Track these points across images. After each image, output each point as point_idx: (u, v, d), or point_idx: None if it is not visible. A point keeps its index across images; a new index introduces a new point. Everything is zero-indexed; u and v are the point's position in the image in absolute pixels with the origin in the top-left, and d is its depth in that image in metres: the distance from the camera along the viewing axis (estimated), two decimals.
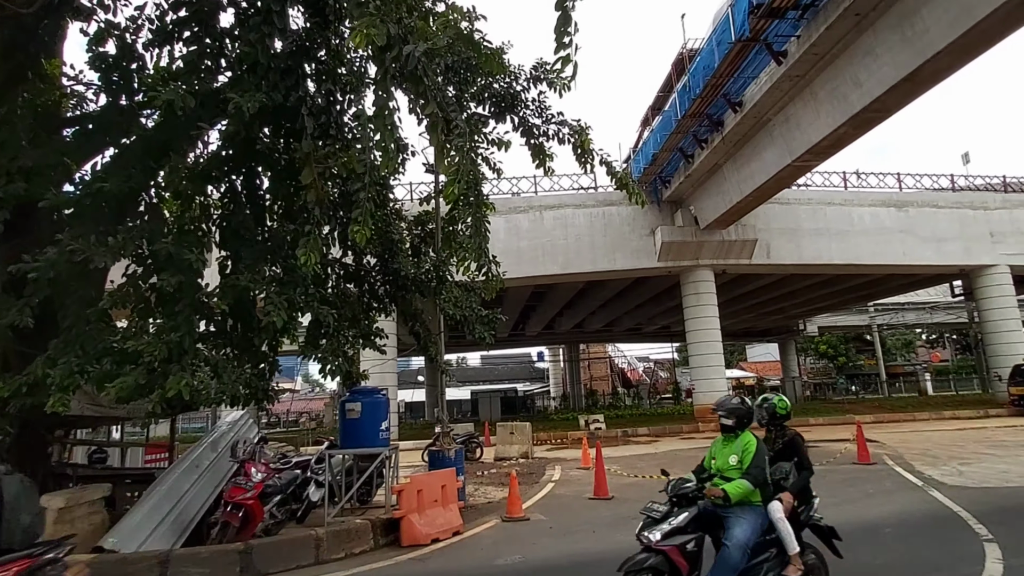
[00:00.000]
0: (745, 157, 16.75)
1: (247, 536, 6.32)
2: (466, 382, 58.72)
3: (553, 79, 7.67)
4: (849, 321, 45.62)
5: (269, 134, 6.40)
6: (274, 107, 5.48)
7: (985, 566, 5.14)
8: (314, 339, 6.47)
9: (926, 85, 11.43)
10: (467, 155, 6.00)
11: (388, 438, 8.00)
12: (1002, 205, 24.27)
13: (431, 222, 9.59)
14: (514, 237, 20.64)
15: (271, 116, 5.92)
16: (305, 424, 32.30)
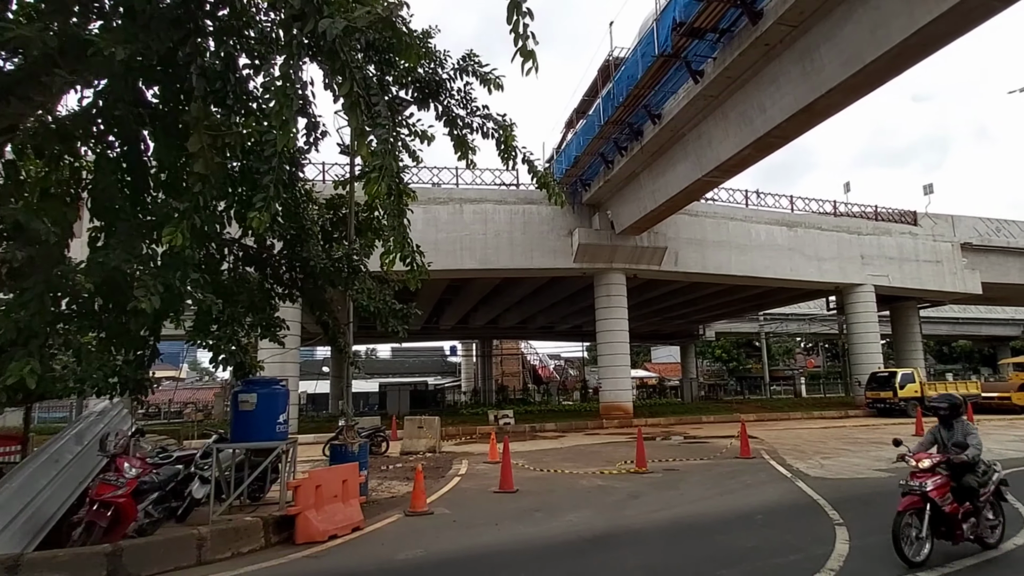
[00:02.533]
0: (661, 168, 17.54)
1: (117, 537, 5.72)
2: (375, 374, 57.25)
3: (485, 74, 7.52)
4: (742, 328, 49.42)
5: (159, 94, 5.75)
6: (161, 63, 4.92)
7: (835, 546, 5.81)
8: (204, 325, 5.91)
9: (820, 117, 12.50)
10: (390, 149, 5.72)
11: (286, 431, 7.58)
12: (872, 231, 27.23)
13: (345, 207, 9.15)
14: (432, 228, 20.30)
15: (160, 74, 5.32)
16: (191, 415, 29.85)
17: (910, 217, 28.49)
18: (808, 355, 66.81)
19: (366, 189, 5.41)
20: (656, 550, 6.08)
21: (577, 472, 11.27)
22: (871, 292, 26.71)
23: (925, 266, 27.70)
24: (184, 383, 43.63)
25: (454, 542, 6.58)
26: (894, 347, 32.63)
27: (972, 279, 28.30)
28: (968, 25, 9.11)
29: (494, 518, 7.63)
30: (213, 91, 5.18)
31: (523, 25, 4.03)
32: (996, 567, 5.29)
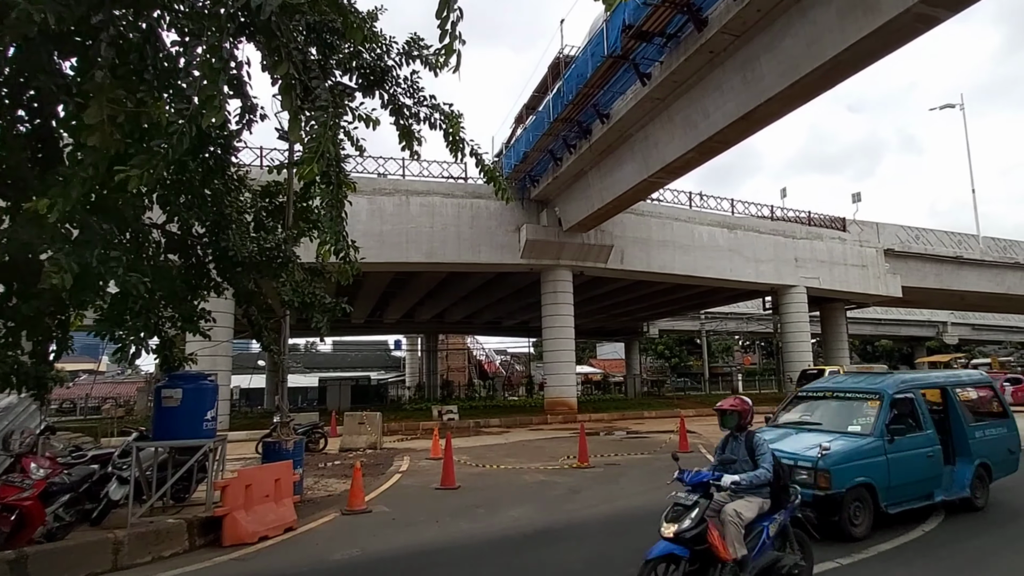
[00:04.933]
0: (608, 167, 17.80)
1: (22, 543, 5.30)
2: (315, 368, 55.70)
3: (429, 57, 7.36)
4: (684, 326, 51.08)
5: (75, 66, 5.31)
6: (77, 32, 4.52)
7: None
8: (118, 314, 5.50)
9: (760, 125, 13.00)
10: (328, 131, 5.48)
11: (214, 428, 7.23)
12: (805, 236, 28.68)
13: (282, 194, 8.77)
14: (377, 220, 19.85)
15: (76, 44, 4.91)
16: (110, 412, 28.05)
17: (839, 223, 30.17)
18: (746, 353, 69.91)
19: (298, 172, 5.16)
20: (596, 544, 6.18)
21: (520, 468, 11.34)
22: (803, 293, 28.14)
23: (852, 270, 29.41)
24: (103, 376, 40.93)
25: (392, 540, 6.48)
26: (823, 345, 34.53)
27: (894, 283, 30.28)
28: (895, 44, 9.67)
29: (435, 515, 7.56)
30: (125, 63, 4.79)
31: (451, 23, 3.92)
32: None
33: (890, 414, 6.55)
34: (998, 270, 33.49)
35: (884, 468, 6.25)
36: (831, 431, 6.67)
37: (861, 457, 6.16)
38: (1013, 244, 35.56)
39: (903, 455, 6.42)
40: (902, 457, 6.41)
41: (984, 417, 7.92)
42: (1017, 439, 7.75)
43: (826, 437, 6.37)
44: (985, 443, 7.37)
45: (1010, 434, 7.76)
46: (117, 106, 4.32)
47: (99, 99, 4.19)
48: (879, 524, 6.29)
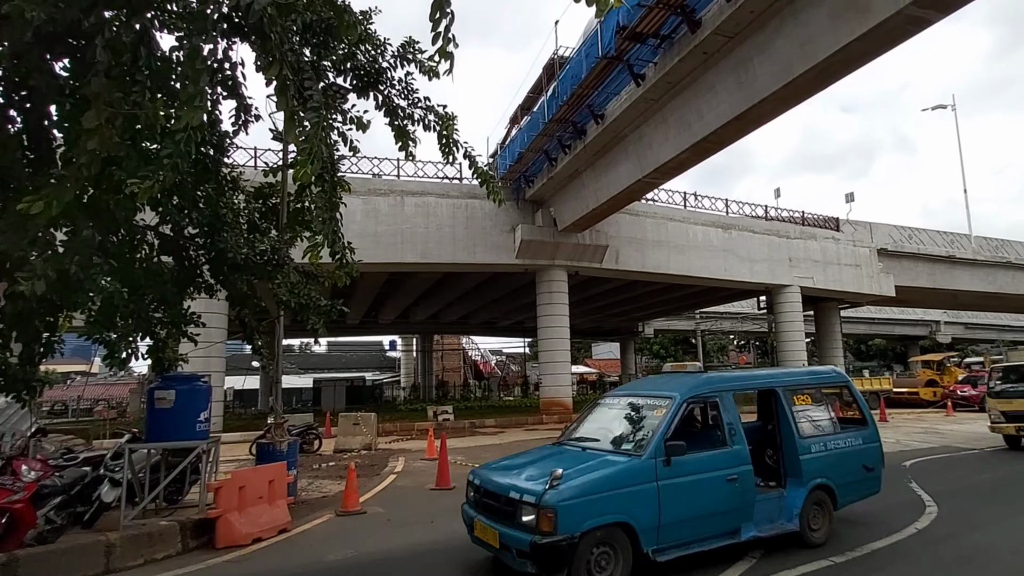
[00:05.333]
0: (603, 167, 17.83)
1: (13, 546, 5.27)
2: (309, 369, 55.57)
3: (423, 61, 7.37)
4: (679, 326, 51.21)
5: (68, 67, 5.29)
6: (70, 34, 4.50)
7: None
8: (107, 318, 5.47)
9: (753, 125, 13.03)
10: (321, 132, 5.47)
11: (207, 430, 7.20)
12: (799, 236, 28.80)
13: (276, 196, 8.75)
14: (372, 220, 19.82)
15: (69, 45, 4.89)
16: (103, 413, 27.83)
17: (833, 223, 30.31)
18: (740, 352, 70.15)
19: (293, 174, 5.15)
20: None
21: None
22: (797, 293, 28.26)
23: (846, 269, 29.55)
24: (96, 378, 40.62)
25: (387, 541, 6.48)
26: (817, 345, 34.67)
27: (887, 282, 30.45)
28: (887, 45, 9.72)
29: (430, 516, 7.55)
30: (119, 64, 4.78)
31: (444, 26, 3.93)
32: None
33: (671, 426, 5.06)
34: (990, 269, 33.72)
35: (653, 500, 4.75)
36: (602, 450, 5.32)
37: (613, 487, 4.67)
38: (1005, 244, 35.81)
39: (687, 480, 4.93)
40: (686, 483, 4.92)
41: (846, 426, 6.67)
42: (877, 452, 6.48)
43: (584, 461, 5.08)
44: (825, 460, 5.96)
45: (867, 447, 6.38)
46: (114, 109, 4.31)
47: (97, 103, 4.18)
48: (872, 524, 6.35)
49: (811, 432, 6.07)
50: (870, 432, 6.52)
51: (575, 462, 5.01)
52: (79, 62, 5.20)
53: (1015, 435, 12.28)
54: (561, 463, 4.92)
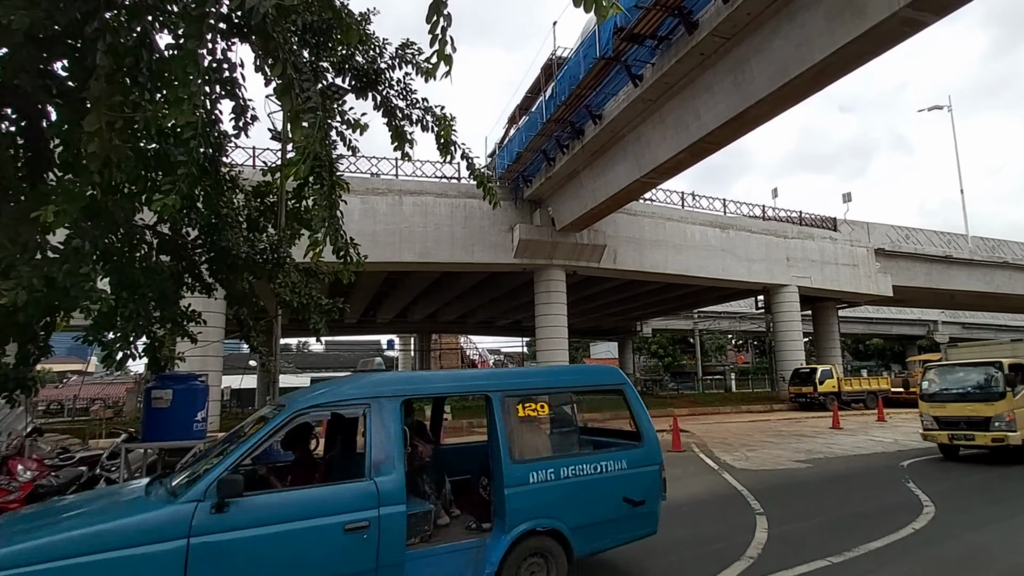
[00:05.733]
0: (601, 167, 17.85)
1: None
2: (307, 368, 55.46)
3: (422, 63, 7.40)
4: (677, 325, 51.28)
5: (67, 68, 5.30)
6: (67, 35, 4.50)
7: (755, 535, 6.16)
8: (106, 319, 5.48)
9: (751, 126, 13.07)
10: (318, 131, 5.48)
11: (204, 429, 7.19)
12: (797, 235, 28.86)
13: (273, 194, 8.76)
14: (370, 220, 19.84)
15: (66, 47, 4.89)
16: (99, 413, 27.73)
17: (830, 223, 30.37)
18: (739, 352, 70.20)
19: (286, 171, 5.16)
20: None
21: None
22: (795, 292, 28.33)
23: (843, 269, 29.63)
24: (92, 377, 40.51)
25: None
26: (815, 344, 34.74)
27: (884, 282, 30.53)
28: (883, 47, 9.75)
29: None
30: (123, 68, 4.80)
31: (442, 28, 3.93)
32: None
33: (250, 452, 3.49)
34: (987, 269, 33.82)
35: (175, 571, 3.05)
36: None
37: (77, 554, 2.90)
38: (1002, 244, 35.92)
39: (257, 535, 3.26)
40: (253, 539, 3.24)
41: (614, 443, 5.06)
42: (650, 479, 4.77)
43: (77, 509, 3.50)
44: (550, 493, 4.23)
45: (635, 472, 4.67)
46: (114, 112, 4.32)
47: (97, 107, 4.19)
48: (870, 525, 6.33)
49: (534, 454, 4.40)
50: (644, 452, 4.78)
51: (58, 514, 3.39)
52: (78, 64, 5.22)
53: (949, 444, 10.84)
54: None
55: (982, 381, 10.62)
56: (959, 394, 10.79)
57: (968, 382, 10.88)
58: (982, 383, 10.61)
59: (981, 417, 10.23)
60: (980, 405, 10.31)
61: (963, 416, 10.53)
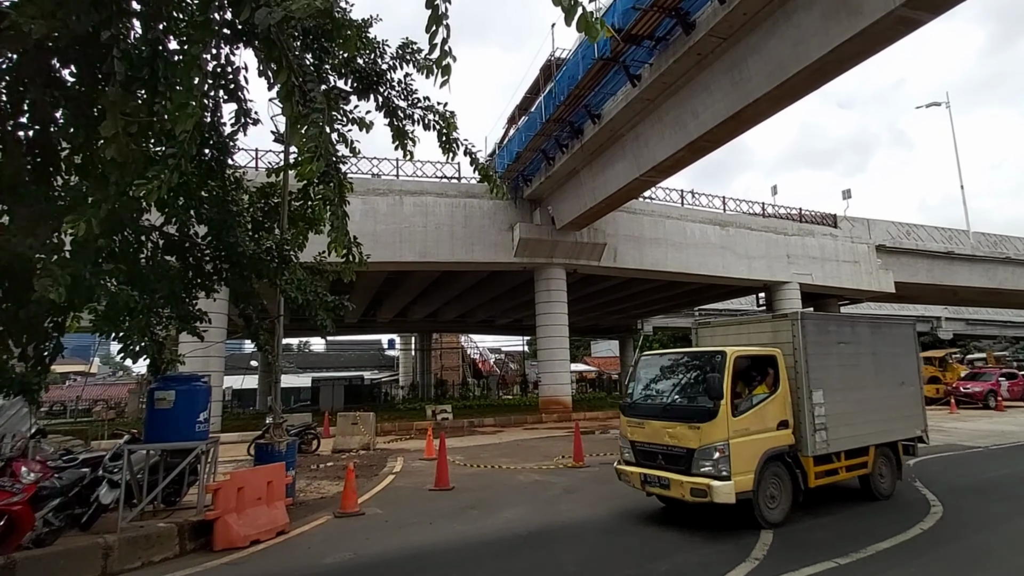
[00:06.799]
0: (600, 166, 17.87)
1: (11, 548, 5.31)
2: (308, 368, 55.58)
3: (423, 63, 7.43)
4: (678, 323, 51.21)
5: (75, 74, 5.35)
6: (79, 43, 4.56)
7: (760, 536, 6.15)
8: (115, 315, 5.54)
9: (748, 124, 13.07)
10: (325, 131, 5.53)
11: (206, 430, 7.24)
12: (797, 232, 28.85)
13: (277, 195, 8.82)
14: (371, 220, 19.88)
15: (76, 54, 4.95)
16: (101, 414, 27.80)
17: (830, 220, 30.35)
18: None
19: (299, 170, 5.21)
20: (591, 545, 6.19)
21: (514, 468, 11.37)
22: (796, 289, 28.30)
23: (844, 266, 29.60)
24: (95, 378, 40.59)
25: (385, 543, 6.50)
26: None
27: (886, 279, 30.49)
28: (879, 45, 9.75)
29: (428, 517, 7.58)
30: (138, 77, 4.87)
31: (442, 39, 3.98)
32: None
33: None
34: (989, 265, 33.76)
35: None
36: None
37: None
38: (1003, 239, 35.85)
39: None
40: None
41: None
42: None
43: None
44: None
45: None
46: (130, 118, 4.39)
47: (113, 113, 4.25)
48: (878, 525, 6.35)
49: None
50: None
51: None
52: (90, 71, 5.29)
53: (643, 490, 6.93)
54: None
55: (689, 386, 6.84)
56: (663, 406, 6.95)
57: (676, 385, 7.12)
58: (689, 390, 6.82)
59: (682, 449, 6.39)
60: (682, 428, 6.43)
61: (660, 444, 6.67)
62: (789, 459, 6.75)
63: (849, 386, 7.44)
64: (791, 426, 6.85)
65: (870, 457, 7.62)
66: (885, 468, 7.98)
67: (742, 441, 6.28)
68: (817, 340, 7.20)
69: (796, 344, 7.03)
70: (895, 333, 8.50)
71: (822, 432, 6.99)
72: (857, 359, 7.72)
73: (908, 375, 8.45)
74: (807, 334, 7.08)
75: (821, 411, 7.02)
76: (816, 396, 6.99)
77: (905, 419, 8.23)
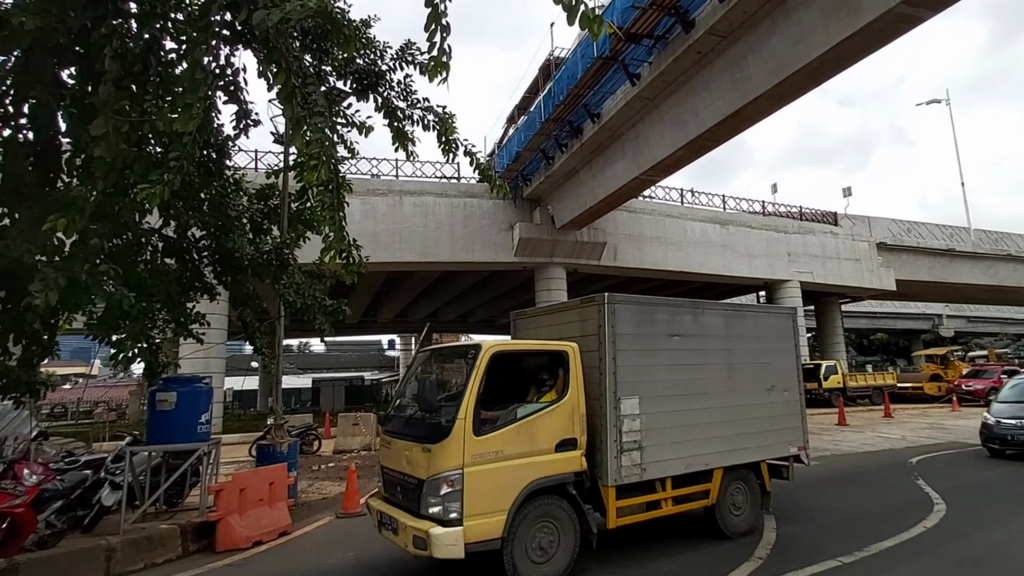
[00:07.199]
0: (600, 165, 17.85)
1: (13, 551, 5.32)
2: (308, 369, 55.66)
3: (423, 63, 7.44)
4: None
5: (75, 74, 5.36)
6: (77, 42, 4.56)
7: (763, 534, 6.17)
8: (112, 319, 5.55)
9: (749, 122, 13.05)
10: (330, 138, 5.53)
11: (208, 432, 7.26)
12: (797, 231, 28.82)
13: (276, 197, 8.82)
14: (371, 220, 19.88)
15: (75, 53, 4.96)
16: (103, 416, 27.80)
17: (831, 218, 30.32)
18: None
19: (304, 177, 5.21)
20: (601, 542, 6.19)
21: None
22: (797, 288, 28.27)
23: (845, 264, 29.56)
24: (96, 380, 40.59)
25: (387, 544, 6.45)
26: (819, 340, 34.68)
27: (887, 276, 30.45)
28: (879, 43, 9.73)
29: None
30: (132, 74, 4.86)
31: (440, 38, 3.99)
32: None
33: None
34: (990, 262, 33.71)
35: None
36: None
37: None
38: (1004, 236, 35.81)
39: None
40: None
41: None
42: None
43: None
44: None
45: None
46: (121, 116, 4.39)
47: (105, 111, 4.26)
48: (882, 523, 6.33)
49: None
50: None
51: None
52: (86, 70, 5.28)
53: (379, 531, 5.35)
54: None
55: (425, 396, 5.13)
56: (406, 418, 5.50)
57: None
58: (426, 401, 5.10)
59: (414, 479, 4.83)
60: (417, 450, 4.85)
61: (398, 471, 5.12)
62: (575, 491, 5.02)
63: (685, 391, 5.80)
64: (581, 446, 5.15)
65: (714, 484, 5.91)
66: (740, 497, 6.23)
67: (486, 469, 4.59)
68: (635, 332, 5.56)
69: (603, 336, 5.33)
70: (765, 325, 6.91)
71: (633, 453, 5.28)
72: (701, 357, 6.03)
73: (783, 378, 6.81)
74: (618, 323, 5.40)
75: (634, 425, 5.31)
76: (626, 405, 5.30)
77: (775, 434, 6.55)
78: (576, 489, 5.06)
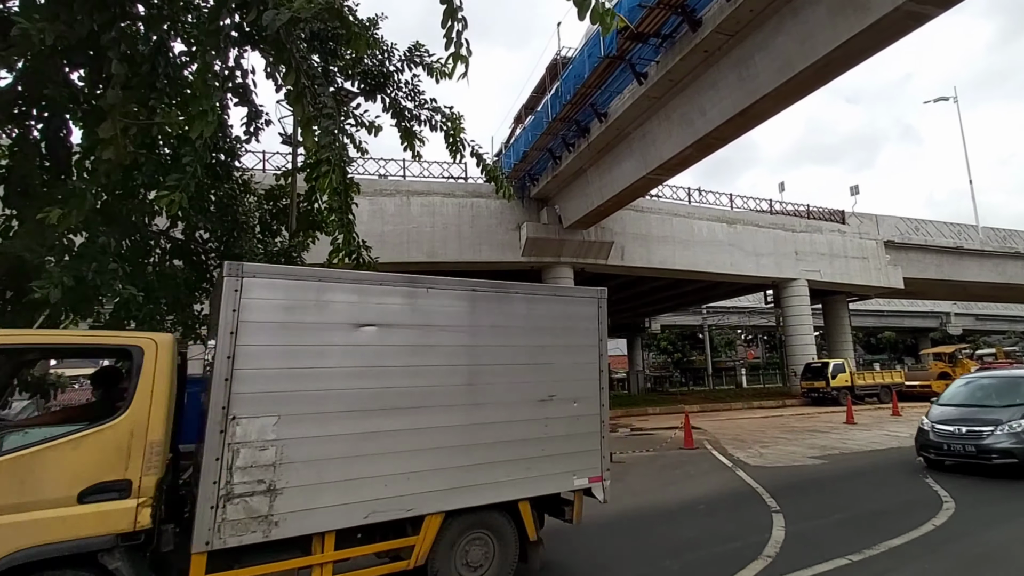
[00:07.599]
0: (607, 164, 17.88)
1: None
2: None
3: (431, 62, 7.52)
4: (686, 321, 51.16)
5: (84, 77, 5.46)
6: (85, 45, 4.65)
7: (772, 533, 6.14)
8: (119, 322, 5.64)
9: (756, 121, 13.05)
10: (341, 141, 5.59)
11: None
12: (805, 229, 28.72)
13: (285, 197, 8.91)
14: (378, 221, 20.00)
15: (84, 56, 5.06)
16: None
17: (839, 216, 30.18)
18: (748, 347, 69.74)
19: (317, 184, 5.28)
20: (600, 544, 6.17)
21: None
22: (805, 286, 28.19)
23: (853, 262, 29.43)
24: None
25: None
26: (826, 338, 34.51)
27: (895, 274, 30.29)
28: (887, 40, 9.72)
29: None
30: (139, 76, 4.95)
31: (457, 32, 4.05)
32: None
33: None
34: (999, 260, 33.46)
35: None
36: None
37: None
38: (1013, 234, 35.52)
39: None
40: None
41: None
42: None
43: None
44: None
45: None
46: (129, 119, 4.47)
47: (113, 114, 4.34)
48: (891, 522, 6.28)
49: None
50: None
51: None
52: (95, 73, 5.38)
53: None
54: None
55: None
56: None
57: None
58: None
59: None
60: None
61: None
62: (120, 561, 3.29)
63: (380, 406, 4.11)
64: (144, 492, 3.41)
65: (425, 535, 4.20)
66: (480, 551, 4.52)
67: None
68: (285, 320, 3.89)
69: (216, 325, 3.86)
70: (546, 312, 5.14)
71: (254, 499, 3.60)
72: (416, 356, 4.34)
73: (572, 386, 5.07)
74: (250, 307, 3.76)
75: (262, 457, 3.66)
76: (249, 428, 3.66)
77: (548, 461, 4.77)
78: (126, 558, 3.30)
